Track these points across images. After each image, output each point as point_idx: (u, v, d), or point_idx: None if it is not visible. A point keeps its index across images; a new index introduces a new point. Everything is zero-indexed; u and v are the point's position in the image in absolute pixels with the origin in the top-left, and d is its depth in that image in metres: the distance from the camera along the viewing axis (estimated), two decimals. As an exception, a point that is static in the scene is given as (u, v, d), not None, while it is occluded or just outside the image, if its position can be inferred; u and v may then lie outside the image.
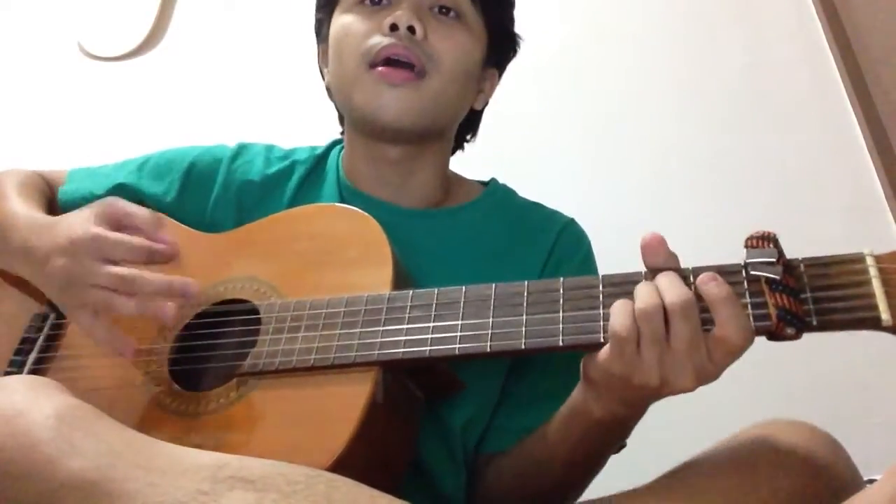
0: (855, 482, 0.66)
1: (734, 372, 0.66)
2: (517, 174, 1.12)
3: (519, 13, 1.01)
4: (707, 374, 0.63)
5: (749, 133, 1.60)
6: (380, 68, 0.86)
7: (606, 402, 0.70)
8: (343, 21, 0.91)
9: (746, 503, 0.63)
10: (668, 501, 0.66)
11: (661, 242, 0.67)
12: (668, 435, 0.72)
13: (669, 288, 0.63)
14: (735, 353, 0.63)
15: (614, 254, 0.90)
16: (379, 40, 0.86)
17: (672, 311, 0.62)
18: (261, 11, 1.90)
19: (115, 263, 0.77)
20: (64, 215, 0.85)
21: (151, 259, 0.80)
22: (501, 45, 0.99)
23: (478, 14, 0.92)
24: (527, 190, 1.05)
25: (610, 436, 0.76)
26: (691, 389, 0.64)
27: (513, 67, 1.03)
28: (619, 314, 0.63)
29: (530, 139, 1.67)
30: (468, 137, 1.05)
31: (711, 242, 0.71)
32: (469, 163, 1.07)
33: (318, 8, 0.99)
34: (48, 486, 0.55)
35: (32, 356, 0.85)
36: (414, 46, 0.86)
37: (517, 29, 1.01)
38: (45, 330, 0.86)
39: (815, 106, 1.59)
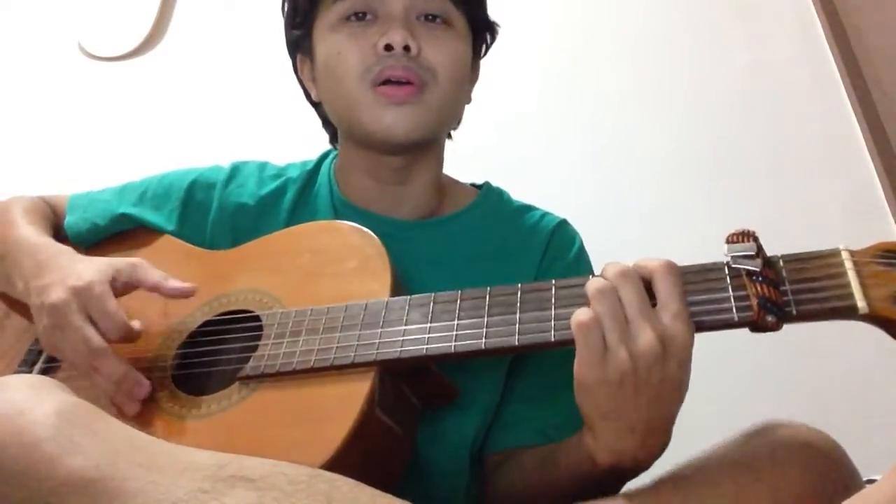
0: (855, 483, 0.66)
1: (736, 373, 0.66)
2: (519, 176, 1.12)
3: (519, 14, 1.01)
4: (670, 332, 0.64)
5: (749, 133, 1.60)
6: (383, 88, 0.86)
7: (605, 437, 0.69)
8: (332, 41, 0.90)
9: None
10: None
11: None
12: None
13: (610, 267, 0.68)
14: (668, 273, 0.65)
15: (616, 253, 0.90)
16: (375, 61, 0.86)
17: (615, 282, 0.66)
18: (261, 12, 1.90)
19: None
20: (83, 257, 0.85)
21: (126, 339, 0.79)
22: (483, 35, 1.00)
23: (460, 13, 0.93)
24: (529, 192, 1.05)
25: (618, 479, 0.75)
26: (659, 352, 0.63)
27: (514, 68, 1.03)
28: (576, 313, 0.66)
29: (530, 140, 1.67)
30: (454, 126, 1.06)
31: (712, 242, 0.72)
32: (470, 166, 1.08)
33: (295, 25, 0.97)
34: (49, 485, 0.55)
35: (37, 367, 0.87)
36: (412, 64, 0.86)
37: (513, 27, 1.01)
38: None
39: (815, 106, 1.59)
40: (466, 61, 0.94)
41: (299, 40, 0.97)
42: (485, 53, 1.03)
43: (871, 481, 0.60)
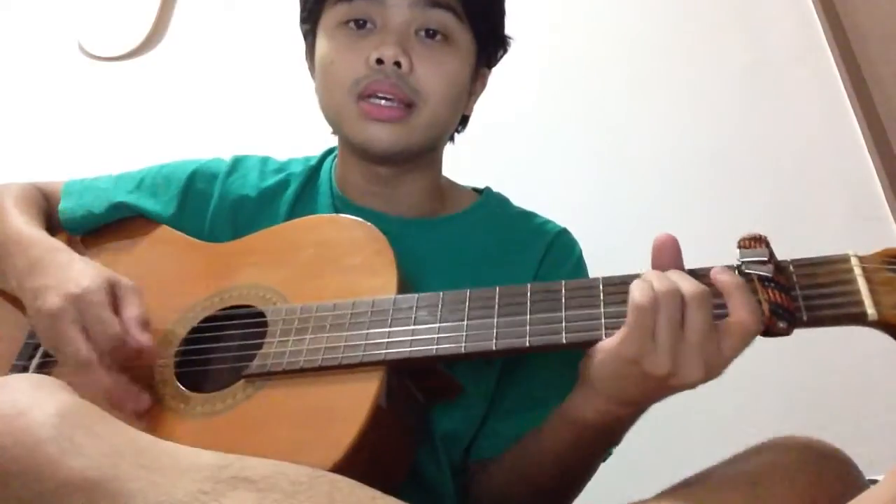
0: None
1: (736, 373, 0.66)
2: (517, 177, 1.12)
3: (519, 14, 1.00)
4: (715, 366, 0.64)
5: (749, 133, 1.60)
6: (366, 104, 0.85)
7: (602, 401, 0.70)
8: (328, 45, 0.89)
9: None
10: None
11: (675, 244, 0.69)
12: (670, 436, 0.72)
13: (683, 280, 0.65)
14: (747, 336, 0.64)
15: (615, 254, 0.90)
16: (365, 74, 0.85)
17: (689, 301, 0.63)
18: (261, 11, 1.90)
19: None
20: (79, 257, 0.83)
21: (117, 352, 0.76)
22: (492, 49, 0.98)
23: (465, 27, 0.90)
24: (528, 192, 1.05)
25: (599, 441, 0.76)
26: (697, 382, 0.64)
27: (513, 69, 1.03)
28: (639, 289, 0.64)
29: (530, 141, 1.67)
30: (459, 129, 1.03)
31: (712, 242, 0.72)
32: (468, 167, 1.08)
33: (303, 20, 0.97)
34: (49, 486, 0.54)
35: (35, 361, 0.86)
36: (400, 82, 0.85)
37: (513, 27, 0.99)
38: None
39: (815, 106, 1.59)
40: (463, 80, 0.91)
41: (307, 35, 0.97)
42: (495, 63, 1.00)
43: (872, 481, 0.60)
